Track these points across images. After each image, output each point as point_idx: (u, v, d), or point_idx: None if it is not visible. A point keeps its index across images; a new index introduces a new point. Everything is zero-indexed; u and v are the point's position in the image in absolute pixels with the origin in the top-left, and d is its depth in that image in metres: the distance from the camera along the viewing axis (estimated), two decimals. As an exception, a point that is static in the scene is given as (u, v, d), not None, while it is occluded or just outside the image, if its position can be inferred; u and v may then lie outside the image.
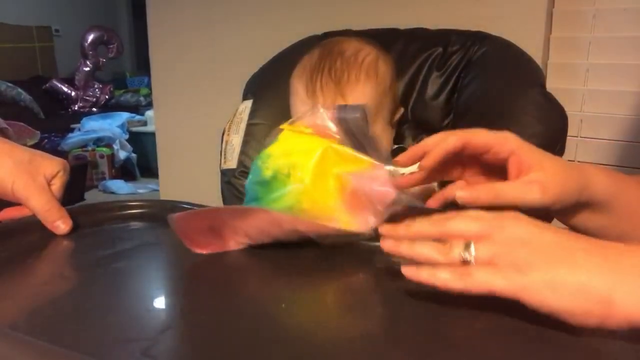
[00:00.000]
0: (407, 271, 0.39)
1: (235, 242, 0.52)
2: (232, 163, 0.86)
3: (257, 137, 0.86)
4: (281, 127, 0.57)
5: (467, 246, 0.38)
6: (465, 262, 0.38)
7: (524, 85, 0.76)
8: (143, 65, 4.87)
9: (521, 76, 0.78)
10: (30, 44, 4.34)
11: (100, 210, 0.65)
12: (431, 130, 0.86)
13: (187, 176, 1.65)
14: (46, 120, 3.82)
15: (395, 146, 0.81)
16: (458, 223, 0.40)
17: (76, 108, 4.23)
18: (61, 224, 0.58)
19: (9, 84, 3.75)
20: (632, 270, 0.34)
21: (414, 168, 0.50)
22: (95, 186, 3.34)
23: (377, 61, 0.73)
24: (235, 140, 0.87)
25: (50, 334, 0.36)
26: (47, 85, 4.17)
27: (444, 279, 0.38)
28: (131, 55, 5.37)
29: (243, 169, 0.85)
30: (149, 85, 2.48)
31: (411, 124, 0.86)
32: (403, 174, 0.51)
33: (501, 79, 0.79)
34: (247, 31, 1.44)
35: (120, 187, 3.26)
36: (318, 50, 0.76)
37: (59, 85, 4.22)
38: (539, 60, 1.00)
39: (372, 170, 0.51)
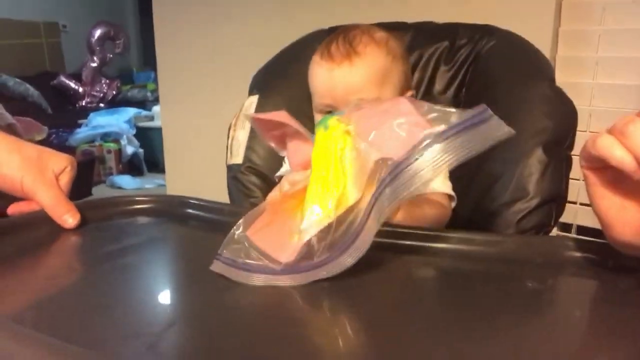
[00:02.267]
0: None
1: None
2: (238, 158, 0.86)
3: (264, 132, 0.86)
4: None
5: None
6: None
7: (533, 80, 0.75)
8: (150, 61, 4.88)
9: (530, 70, 0.77)
10: (38, 40, 4.35)
11: (108, 205, 0.65)
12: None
13: (193, 171, 1.65)
14: (54, 116, 3.84)
15: None
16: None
17: (83, 103, 4.25)
18: (69, 218, 0.58)
19: (17, 80, 3.77)
20: None
21: None
22: (103, 181, 3.35)
23: (388, 37, 0.77)
24: (242, 135, 0.87)
25: (56, 329, 0.36)
26: (54, 80, 4.19)
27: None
28: (138, 50, 5.38)
29: (249, 164, 0.85)
30: (155, 81, 2.48)
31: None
32: None
33: (510, 73, 0.78)
34: (253, 26, 1.44)
35: (127, 182, 3.27)
36: (333, 33, 0.80)
37: (67, 80, 4.23)
38: (547, 54, 0.99)
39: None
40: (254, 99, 0.89)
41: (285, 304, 0.42)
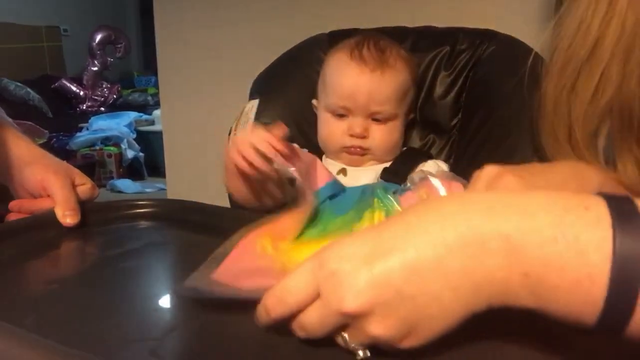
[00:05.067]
0: None
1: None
2: (239, 162, 0.86)
3: (264, 136, 0.86)
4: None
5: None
6: None
7: (534, 85, 0.75)
8: (150, 65, 4.89)
9: (531, 75, 0.77)
10: (39, 44, 4.36)
11: (108, 209, 0.65)
12: (440, 130, 0.86)
13: (194, 175, 1.65)
14: (54, 120, 3.84)
15: (405, 148, 0.81)
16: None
17: (84, 107, 4.25)
18: (68, 217, 0.58)
19: (18, 84, 3.77)
20: None
21: None
22: (103, 185, 3.34)
23: (411, 57, 0.79)
24: (242, 139, 0.87)
25: (57, 333, 0.36)
26: (55, 84, 4.19)
27: None
28: (139, 54, 5.39)
29: (250, 169, 0.85)
30: (156, 85, 2.49)
31: (419, 125, 0.86)
32: None
33: (510, 78, 0.78)
34: (254, 30, 1.44)
35: (127, 186, 3.27)
36: (358, 36, 0.79)
37: (68, 84, 4.24)
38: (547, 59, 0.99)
39: None
40: (255, 102, 0.89)
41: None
